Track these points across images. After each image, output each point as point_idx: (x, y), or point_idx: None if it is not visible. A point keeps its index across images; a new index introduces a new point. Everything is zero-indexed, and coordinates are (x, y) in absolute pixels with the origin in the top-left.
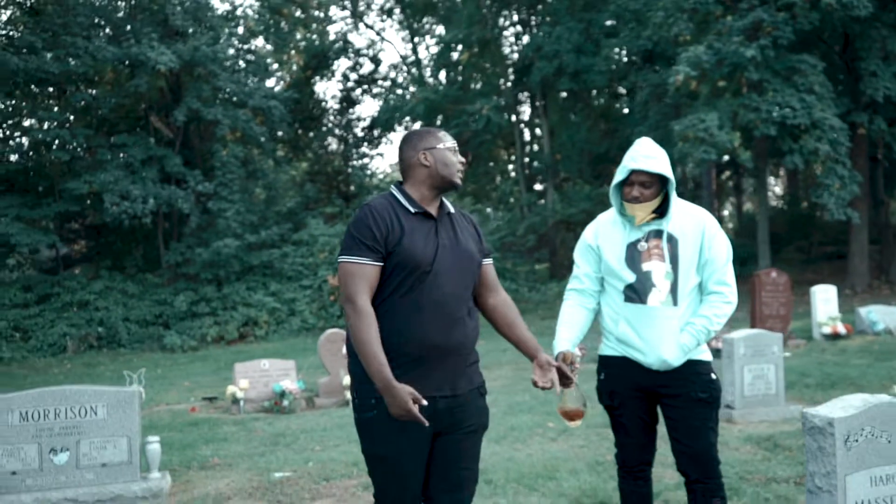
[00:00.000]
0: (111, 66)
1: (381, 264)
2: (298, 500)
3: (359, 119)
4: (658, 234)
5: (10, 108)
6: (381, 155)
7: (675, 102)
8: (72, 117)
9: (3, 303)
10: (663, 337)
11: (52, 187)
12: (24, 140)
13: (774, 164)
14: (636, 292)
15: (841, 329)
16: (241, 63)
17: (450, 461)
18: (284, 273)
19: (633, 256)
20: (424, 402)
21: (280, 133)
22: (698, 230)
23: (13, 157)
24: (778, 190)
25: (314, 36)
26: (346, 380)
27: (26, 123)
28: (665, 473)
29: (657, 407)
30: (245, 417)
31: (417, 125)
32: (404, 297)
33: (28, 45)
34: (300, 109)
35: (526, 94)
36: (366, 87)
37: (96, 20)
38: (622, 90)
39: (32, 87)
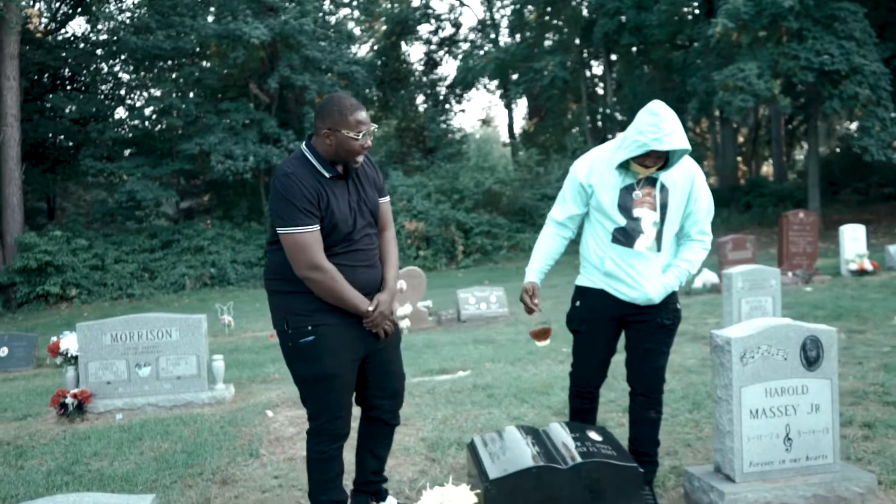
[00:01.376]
0: (214, 41)
1: (319, 225)
2: None
3: (441, 79)
4: (652, 182)
5: (135, 81)
6: (464, 111)
7: (727, 52)
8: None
9: (134, 248)
10: (649, 278)
11: (171, 149)
12: (147, 108)
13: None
14: (625, 236)
15: (868, 266)
16: (328, 33)
17: (384, 375)
18: None
19: (626, 201)
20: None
21: (367, 91)
22: (688, 182)
23: (138, 124)
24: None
25: (396, 4)
26: (400, 311)
27: (146, 95)
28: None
29: (621, 334)
30: None
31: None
32: (335, 255)
33: (144, 26)
34: (388, 72)
35: (592, 49)
36: (447, 48)
37: (200, 0)
38: (680, 43)
39: (148, 63)
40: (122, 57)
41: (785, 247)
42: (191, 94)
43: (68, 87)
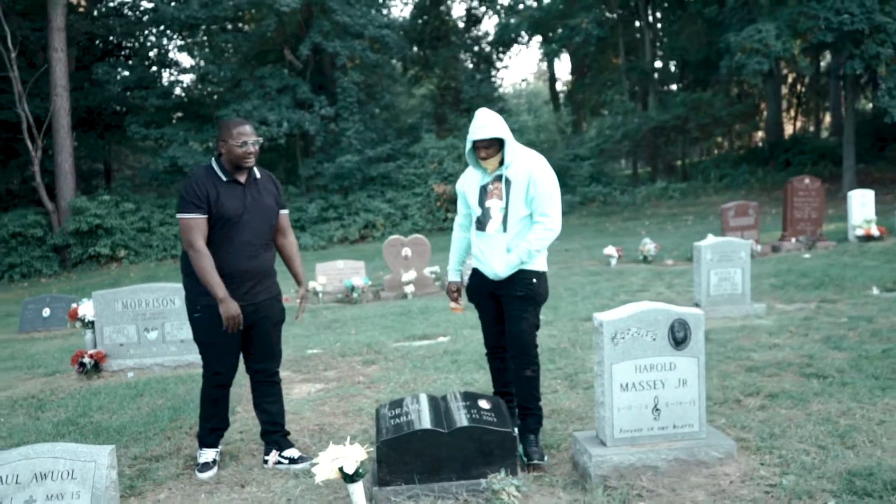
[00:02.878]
0: (246, 8)
1: (207, 216)
2: (314, 370)
3: (482, 37)
4: (499, 178)
5: (174, 50)
6: (507, 67)
7: (752, 11)
8: (222, 56)
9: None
10: (496, 255)
11: (209, 116)
12: (187, 76)
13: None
14: (481, 223)
15: (874, 231)
16: None
17: (261, 345)
18: (399, 182)
19: (482, 196)
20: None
21: (408, 51)
22: (527, 173)
23: (179, 91)
24: None
25: None
26: (405, 276)
27: (187, 64)
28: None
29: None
30: (319, 306)
31: (536, 40)
32: (222, 239)
33: None
34: (428, 30)
35: (633, 3)
36: (488, 4)
37: None
38: None
39: (185, 31)
40: (161, 27)
41: (789, 213)
42: (228, 62)
43: (116, 56)
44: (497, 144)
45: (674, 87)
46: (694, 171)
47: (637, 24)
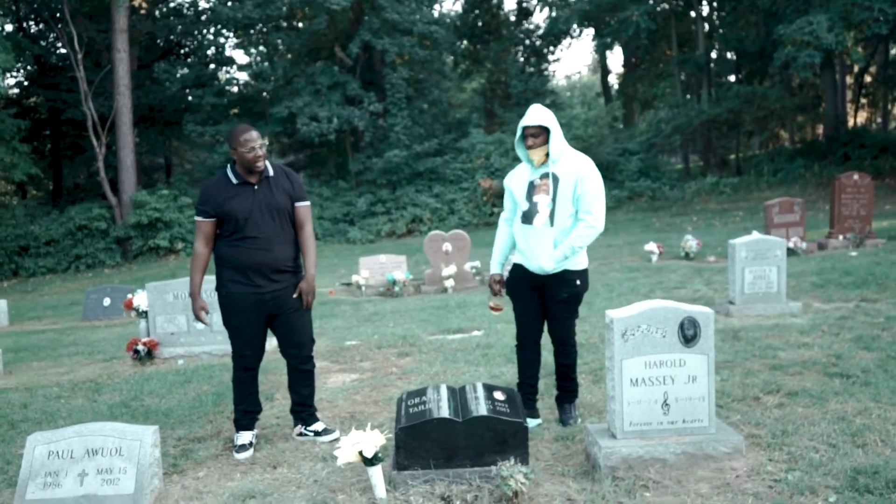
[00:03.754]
0: (298, 7)
1: (214, 219)
2: (351, 360)
3: (533, 30)
4: (547, 175)
5: (230, 49)
6: (558, 60)
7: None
8: (275, 54)
9: None
10: (542, 249)
11: (262, 112)
12: (242, 74)
13: None
14: (527, 216)
15: None
16: None
17: (289, 331)
18: (446, 177)
19: (530, 191)
20: (206, 323)
21: (458, 46)
22: (575, 172)
23: (233, 89)
24: None
25: None
26: (445, 271)
27: (242, 62)
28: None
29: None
30: (362, 300)
31: (588, 32)
32: (232, 234)
33: None
34: (478, 26)
35: None
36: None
37: None
38: None
39: (240, 31)
40: (218, 27)
41: (837, 210)
42: (280, 59)
43: (176, 56)
44: (544, 135)
45: (729, 79)
46: (747, 165)
47: (691, 14)
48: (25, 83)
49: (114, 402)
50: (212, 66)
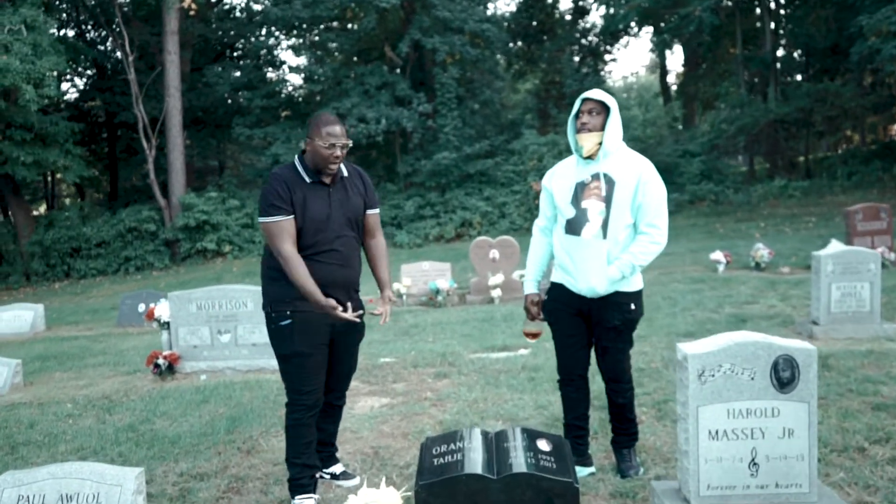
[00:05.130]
0: (347, 4)
1: (293, 216)
2: (383, 381)
3: (589, 29)
4: (599, 176)
5: (280, 50)
6: (615, 60)
7: None
8: (324, 55)
9: None
10: (592, 266)
11: (311, 114)
12: (291, 76)
13: None
14: (573, 225)
15: None
16: None
17: (339, 360)
18: (497, 180)
19: (577, 194)
20: (354, 319)
21: (511, 45)
22: (635, 176)
23: (282, 90)
24: None
25: None
26: (492, 280)
27: (293, 64)
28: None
29: (589, 325)
30: (403, 309)
31: (646, 31)
32: (309, 247)
33: None
34: (533, 25)
35: None
36: None
37: None
38: None
39: (288, 32)
40: (270, 28)
41: None
42: (333, 60)
43: (230, 58)
44: (602, 116)
45: (797, 77)
46: (818, 167)
47: (756, 10)
48: (85, 87)
49: (123, 423)
50: (264, 68)
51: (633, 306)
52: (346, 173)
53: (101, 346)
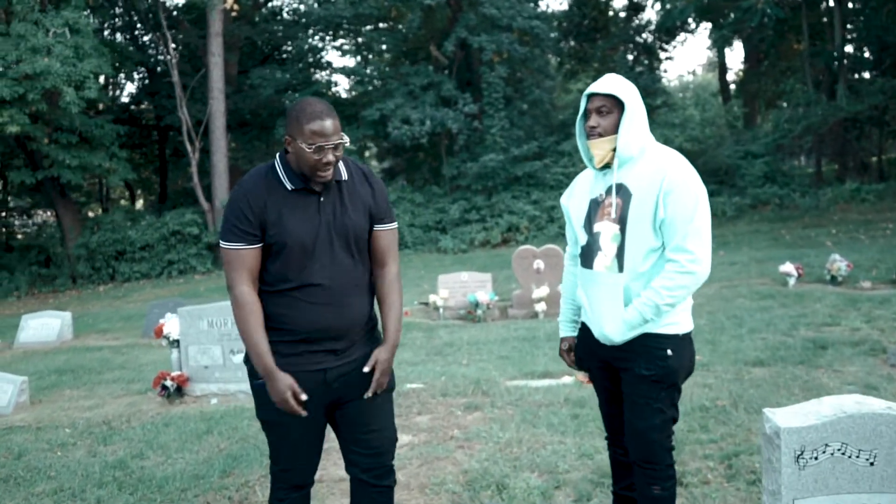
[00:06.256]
0: (392, 4)
1: (259, 245)
2: (406, 413)
3: (644, 26)
4: (617, 187)
5: (323, 51)
6: (671, 59)
7: None
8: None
9: None
10: (606, 308)
11: (355, 115)
12: (339, 77)
13: None
14: (586, 255)
15: None
16: None
17: (359, 427)
18: (546, 182)
19: (591, 215)
20: (304, 397)
21: (562, 43)
22: (655, 183)
23: (326, 91)
24: None
25: None
26: (536, 293)
27: (339, 65)
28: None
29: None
30: (439, 323)
31: (704, 27)
32: (286, 280)
33: None
34: (585, 23)
35: None
36: None
37: None
38: None
39: (332, 32)
40: (315, 28)
41: None
42: (380, 60)
43: (276, 60)
44: (616, 114)
45: (866, 74)
46: (893, 169)
47: (824, 4)
48: (137, 91)
49: (114, 458)
50: (309, 69)
51: (670, 351)
52: (344, 175)
53: (122, 358)
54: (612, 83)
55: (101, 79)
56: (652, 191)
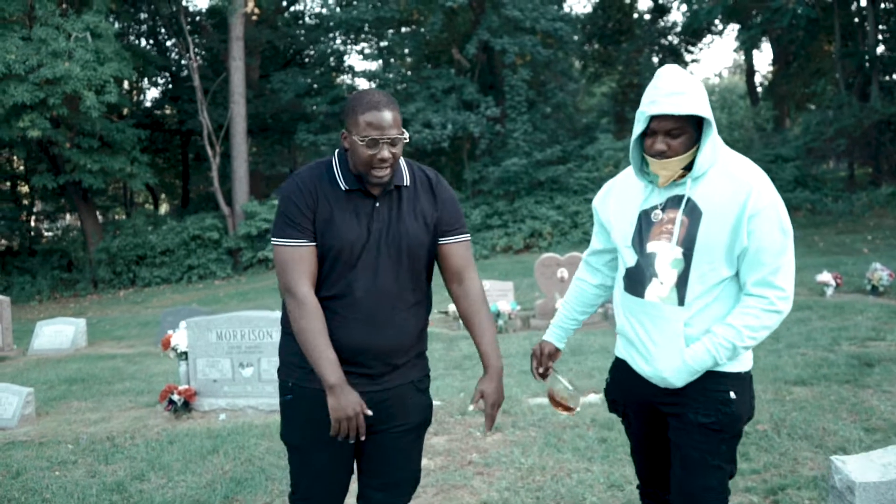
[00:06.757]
0: (414, 7)
1: (313, 242)
2: None
3: (670, 28)
4: (679, 200)
5: (344, 54)
6: (697, 61)
7: None
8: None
9: None
10: (662, 346)
11: None
12: (360, 81)
13: None
14: (634, 279)
15: None
16: None
17: (382, 460)
18: (570, 187)
19: (641, 229)
20: (369, 413)
21: (586, 46)
22: (737, 201)
23: (346, 95)
24: None
25: None
26: (559, 302)
27: (361, 69)
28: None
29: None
30: (459, 335)
31: (731, 29)
32: (327, 290)
33: (347, 0)
34: (609, 26)
35: None
36: None
37: None
38: None
39: (354, 35)
40: (333, 33)
41: None
42: (403, 63)
43: (299, 65)
44: (690, 133)
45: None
46: None
47: (855, 3)
48: (160, 95)
49: (114, 479)
50: (330, 73)
51: (733, 394)
52: (406, 181)
53: (133, 368)
54: (688, 102)
55: (126, 84)
56: (730, 211)
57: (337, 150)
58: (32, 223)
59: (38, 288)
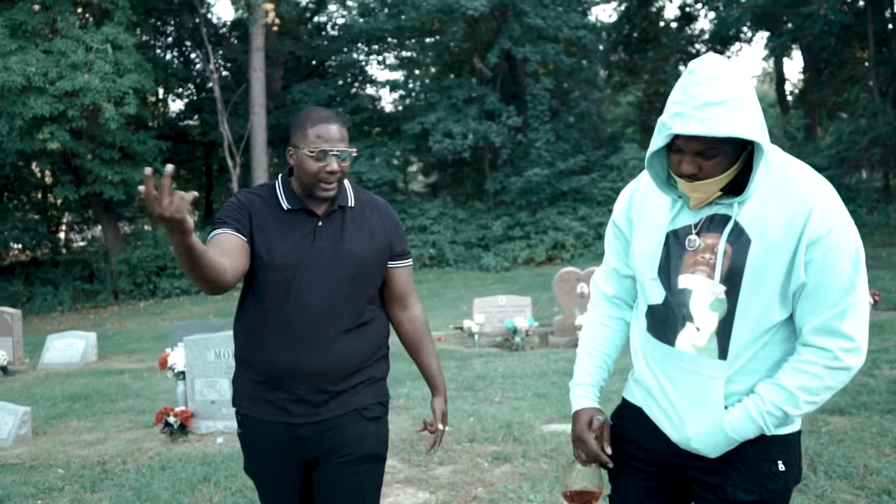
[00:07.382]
0: (435, 16)
1: (245, 240)
2: (425, 462)
3: (696, 36)
4: (722, 221)
5: (365, 64)
6: None
7: None
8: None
9: None
10: (696, 407)
11: (397, 129)
12: (382, 91)
13: None
14: (660, 321)
15: None
16: None
17: (328, 493)
18: (593, 198)
19: (672, 256)
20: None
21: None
22: (795, 224)
23: (368, 105)
24: None
25: None
26: (579, 318)
27: (382, 79)
28: None
29: (687, 489)
30: (474, 352)
31: (759, 36)
32: (259, 308)
33: (367, 10)
34: (635, 34)
35: None
36: (705, 1)
37: None
38: None
39: (374, 45)
40: (358, 44)
41: None
42: (424, 73)
43: (321, 76)
44: (729, 154)
45: None
46: None
47: (889, 10)
48: (184, 107)
49: None
50: (352, 83)
51: (781, 464)
52: (351, 202)
53: (139, 385)
54: (726, 119)
55: (151, 96)
56: (787, 237)
57: (280, 175)
58: (62, 235)
59: (60, 299)
